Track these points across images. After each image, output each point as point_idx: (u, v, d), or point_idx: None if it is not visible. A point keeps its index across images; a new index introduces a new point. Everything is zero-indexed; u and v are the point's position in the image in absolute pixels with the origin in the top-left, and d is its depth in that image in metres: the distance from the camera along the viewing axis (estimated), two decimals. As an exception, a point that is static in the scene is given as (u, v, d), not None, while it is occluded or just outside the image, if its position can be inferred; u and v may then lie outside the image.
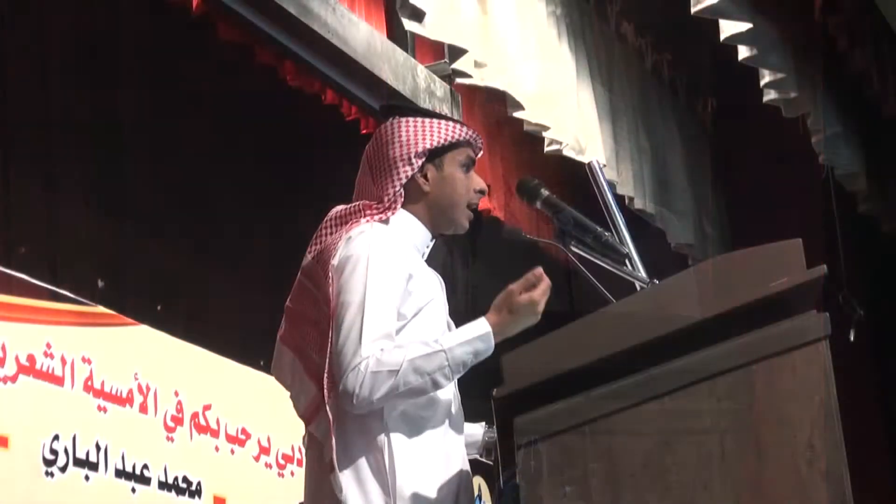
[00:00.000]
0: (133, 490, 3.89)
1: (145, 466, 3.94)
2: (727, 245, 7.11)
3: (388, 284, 2.47)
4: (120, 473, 3.84)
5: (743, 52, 5.81)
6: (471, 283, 5.57)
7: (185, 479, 4.09)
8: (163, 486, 4.00)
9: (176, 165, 4.31)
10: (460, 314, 2.70)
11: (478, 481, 5.05)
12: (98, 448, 3.78)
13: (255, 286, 4.48)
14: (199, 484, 4.14)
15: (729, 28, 5.64)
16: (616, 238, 2.54)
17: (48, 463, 3.62)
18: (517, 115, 5.23)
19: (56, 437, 3.65)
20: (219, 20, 4.05)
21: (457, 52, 4.87)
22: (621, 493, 2.01)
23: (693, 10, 5.47)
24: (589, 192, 2.63)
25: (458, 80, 4.92)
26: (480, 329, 2.44)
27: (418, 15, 4.65)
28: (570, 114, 5.49)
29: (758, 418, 1.98)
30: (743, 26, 5.61)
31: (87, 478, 3.73)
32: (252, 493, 4.37)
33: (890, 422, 7.31)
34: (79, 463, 3.71)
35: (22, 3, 3.82)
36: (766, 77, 6.04)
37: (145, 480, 3.93)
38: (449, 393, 2.57)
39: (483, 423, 2.73)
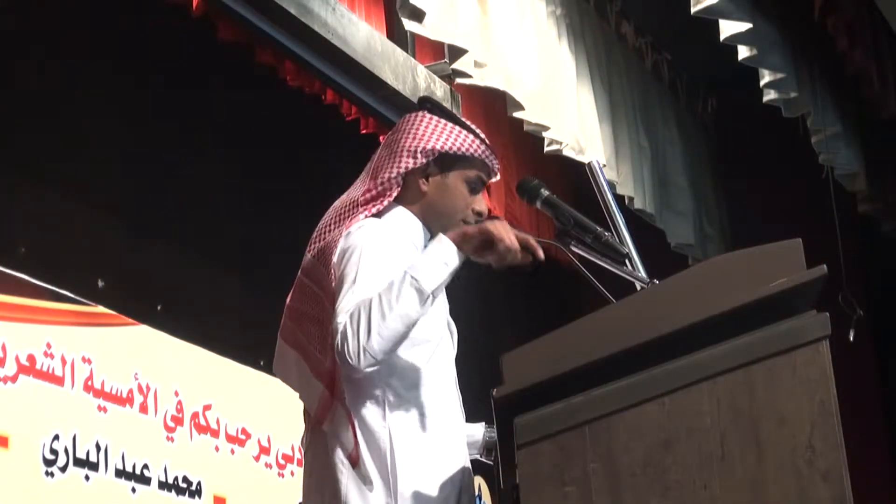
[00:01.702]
0: (133, 490, 3.89)
1: (145, 466, 3.94)
2: (727, 245, 7.11)
3: (379, 267, 2.45)
4: (120, 473, 3.85)
5: (743, 52, 5.81)
6: (470, 282, 5.57)
7: (185, 479, 4.09)
8: (163, 486, 4.00)
9: (176, 165, 4.31)
10: (460, 314, 2.71)
11: (478, 481, 5.05)
12: (98, 448, 3.79)
13: (255, 286, 4.49)
14: (199, 484, 4.14)
15: (729, 28, 5.63)
16: (616, 238, 2.54)
17: (48, 463, 3.62)
18: (517, 115, 5.23)
19: (56, 437, 3.65)
20: (219, 20, 4.05)
21: (457, 52, 4.86)
22: (621, 493, 2.01)
23: (693, 10, 5.46)
24: (589, 192, 2.63)
25: (458, 80, 4.92)
26: (434, 239, 2.46)
27: (418, 15, 4.65)
28: (570, 114, 5.49)
29: (758, 418, 1.98)
30: (743, 26, 5.61)
31: (87, 478, 3.73)
32: (252, 493, 4.37)
33: (890, 422, 7.30)
34: (79, 463, 3.71)
35: (22, 3, 3.82)
36: (766, 77, 6.04)
37: (145, 480, 3.93)
38: (450, 391, 2.58)
39: (483, 423, 2.73)
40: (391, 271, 2.44)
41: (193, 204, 4.35)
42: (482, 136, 2.68)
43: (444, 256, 2.41)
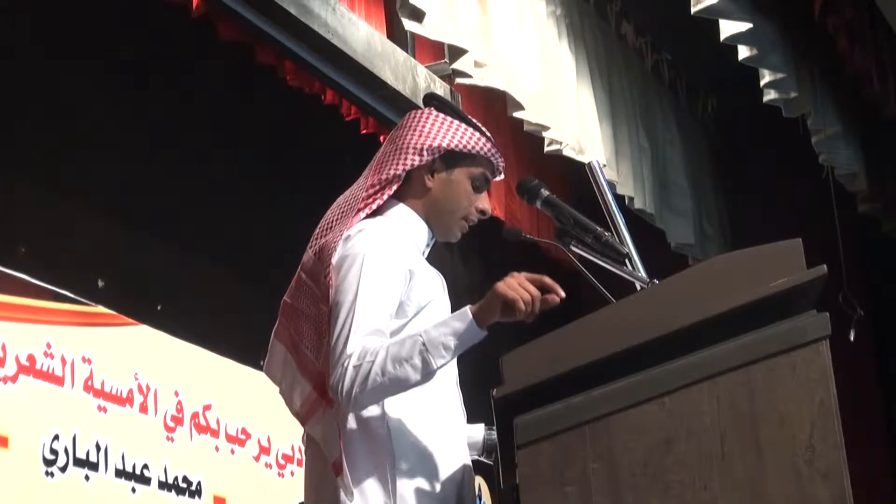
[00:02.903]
0: (133, 490, 3.89)
1: (145, 466, 3.94)
2: (727, 245, 7.11)
3: (382, 282, 2.45)
4: (120, 473, 3.84)
5: (743, 52, 5.81)
6: (472, 283, 5.57)
7: (185, 479, 4.09)
8: (163, 486, 4.00)
9: (176, 165, 4.31)
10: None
11: (478, 481, 5.05)
12: (98, 448, 3.79)
13: (254, 286, 4.48)
14: (199, 484, 4.14)
15: (729, 28, 5.63)
16: (616, 238, 2.54)
17: (48, 463, 3.62)
18: (517, 115, 5.23)
19: (56, 437, 3.65)
20: (219, 20, 4.05)
21: (457, 52, 4.87)
22: (621, 493, 2.01)
23: (693, 10, 5.46)
24: (589, 192, 2.63)
25: (458, 80, 4.92)
26: (458, 312, 2.41)
27: (418, 15, 4.65)
28: (570, 114, 5.49)
29: (758, 418, 1.99)
30: (743, 26, 5.61)
31: (87, 478, 3.73)
32: (252, 493, 4.37)
33: (890, 422, 7.30)
34: (79, 463, 3.71)
35: (22, 3, 3.82)
36: (766, 77, 6.04)
37: (145, 480, 3.93)
38: (451, 390, 2.57)
39: (483, 425, 2.73)
40: (392, 287, 2.45)
41: (193, 204, 4.35)
42: (488, 133, 2.68)
43: (463, 336, 2.36)
